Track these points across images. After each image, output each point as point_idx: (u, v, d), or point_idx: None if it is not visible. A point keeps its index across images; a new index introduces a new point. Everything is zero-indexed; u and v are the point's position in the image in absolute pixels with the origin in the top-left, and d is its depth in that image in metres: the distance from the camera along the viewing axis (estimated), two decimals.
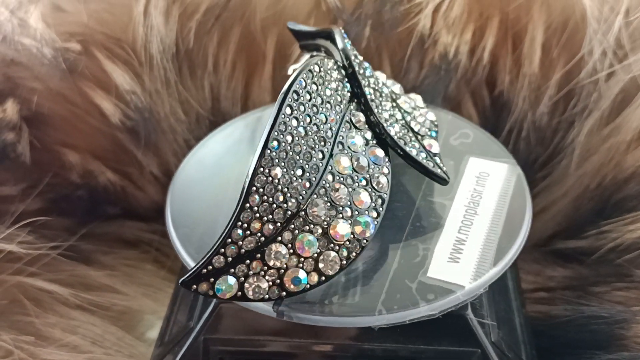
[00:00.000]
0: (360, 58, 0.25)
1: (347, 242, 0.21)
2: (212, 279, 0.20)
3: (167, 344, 0.25)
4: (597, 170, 0.30)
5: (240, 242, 0.20)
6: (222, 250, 0.20)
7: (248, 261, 0.20)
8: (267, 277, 0.20)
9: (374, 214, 0.21)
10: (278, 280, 0.20)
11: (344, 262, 0.20)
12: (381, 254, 0.22)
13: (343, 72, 0.24)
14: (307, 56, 0.25)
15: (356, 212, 0.21)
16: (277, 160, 0.20)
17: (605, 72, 0.29)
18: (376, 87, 0.24)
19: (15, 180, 0.31)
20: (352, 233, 0.21)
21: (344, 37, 0.25)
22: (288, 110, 0.21)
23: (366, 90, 0.23)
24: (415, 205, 0.24)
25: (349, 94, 0.23)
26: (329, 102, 0.22)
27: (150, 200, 0.34)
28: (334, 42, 0.24)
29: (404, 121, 0.25)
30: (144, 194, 0.33)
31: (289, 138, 0.21)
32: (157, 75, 0.31)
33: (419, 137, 0.24)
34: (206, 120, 0.33)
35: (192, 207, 0.25)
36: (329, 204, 0.21)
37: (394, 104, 0.25)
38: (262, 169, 0.20)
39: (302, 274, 0.20)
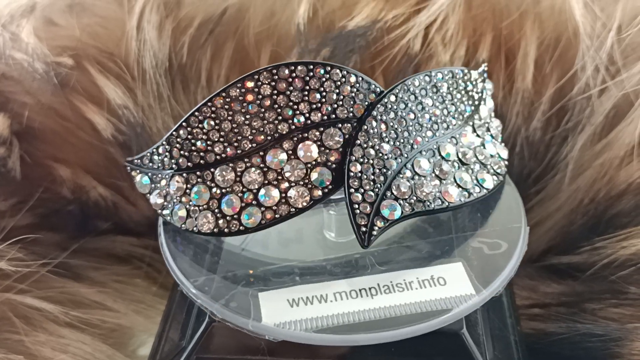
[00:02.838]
0: (430, 101, 0.23)
1: (229, 218, 0.22)
2: (138, 171, 0.25)
3: None
4: (591, 185, 0.30)
5: (161, 157, 0.24)
6: (149, 155, 0.24)
7: (160, 176, 0.24)
8: (165, 198, 0.24)
9: (255, 213, 0.22)
10: (169, 206, 0.24)
11: (216, 230, 0.22)
12: (277, 254, 0.24)
13: (373, 96, 0.22)
14: None
15: (255, 203, 0.22)
16: (207, 119, 0.22)
17: (598, 88, 0.29)
18: (397, 127, 0.22)
19: (5, 195, 0.31)
20: (238, 215, 0.22)
21: (447, 75, 0.24)
22: (234, 92, 0.22)
23: (372, 121, 0.22)
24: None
25: (354, 111, 0.22)
26: (309, 103, 0.22)
27: (141, 215, 0.33)
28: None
29: (394, 174, 0.22)
30: (135, 209, 0.33)
31: (223, 113, 0.22)
32: (149, 90, 0.31)
33: (392, 195, 0.22)
34: None
35: None
36: (238, 179, 0.22)
37: (412, 156, 0.23)
38: (194, 117, 0.22)
39: (182, 212, 0.23)
